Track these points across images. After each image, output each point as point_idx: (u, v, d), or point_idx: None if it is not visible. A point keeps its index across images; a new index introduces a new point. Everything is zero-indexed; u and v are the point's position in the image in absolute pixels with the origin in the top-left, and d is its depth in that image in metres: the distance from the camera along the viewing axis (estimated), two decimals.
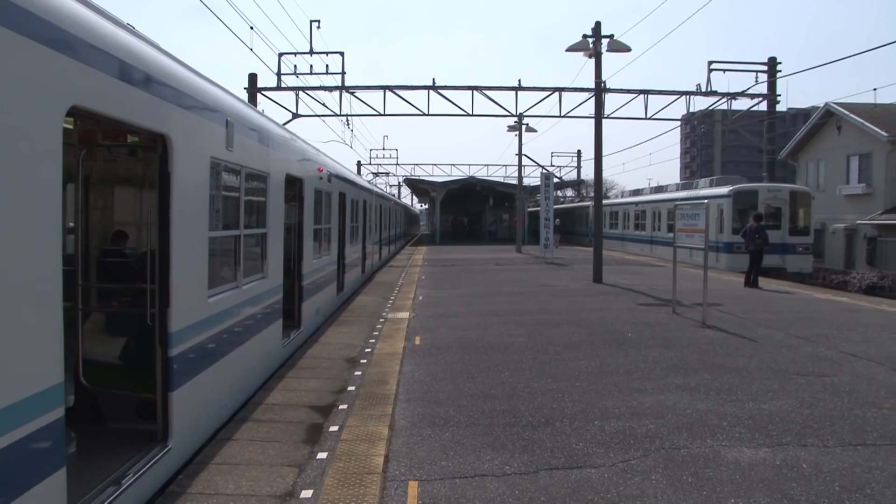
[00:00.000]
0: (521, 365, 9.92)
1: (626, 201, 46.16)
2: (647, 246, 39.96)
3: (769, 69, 35.37)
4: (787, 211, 28.76)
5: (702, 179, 37.86)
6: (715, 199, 28.33)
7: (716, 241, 27.41)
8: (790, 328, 13.19)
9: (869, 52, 53.19)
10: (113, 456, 5.41)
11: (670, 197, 35.55)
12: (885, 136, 31.37)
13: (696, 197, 29.69)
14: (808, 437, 6.76)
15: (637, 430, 6.89)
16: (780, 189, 29.33)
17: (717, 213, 28.49)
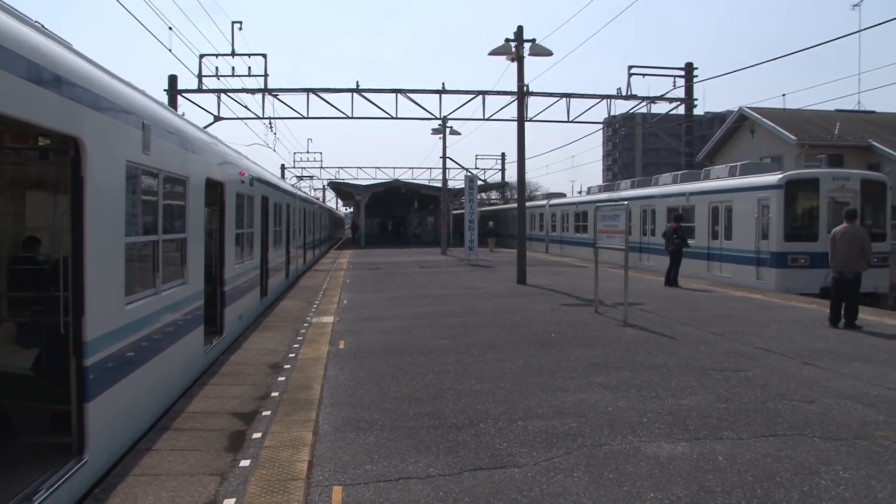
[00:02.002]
0: (446, 367, 9.96)
1: (581, 200, 41.09)
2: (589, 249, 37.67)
3: (686, 74, 36.32)
4: (857, 206, 20.06)
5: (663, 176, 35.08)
6: (752, 191, 21.85)
7: (755, 250, 21.36)
8: (708, 325, 13.57)
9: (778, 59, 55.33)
10: (24, 472, 5.23)
11: (633, 195, 31.29)
12: (794, 139, 32.55)
13: (728, 187, 23.48)
14: (724, 431, 6.96)
15: (560, 429, 6.99)
16: (848, 177, 21.37)
17: (757, 209, 21.44)
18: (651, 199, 29.40)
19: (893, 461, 6.12)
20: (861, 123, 35.63)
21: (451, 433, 6.90)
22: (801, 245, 20.38)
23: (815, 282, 19.65)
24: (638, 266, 28.27)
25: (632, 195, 30.99)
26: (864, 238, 13.40)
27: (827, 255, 14.58)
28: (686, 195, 26.00)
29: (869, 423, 7.23)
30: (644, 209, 29.68)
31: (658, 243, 26.08)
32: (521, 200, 25.46)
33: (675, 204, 26.72)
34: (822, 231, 19.94)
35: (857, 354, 10.87)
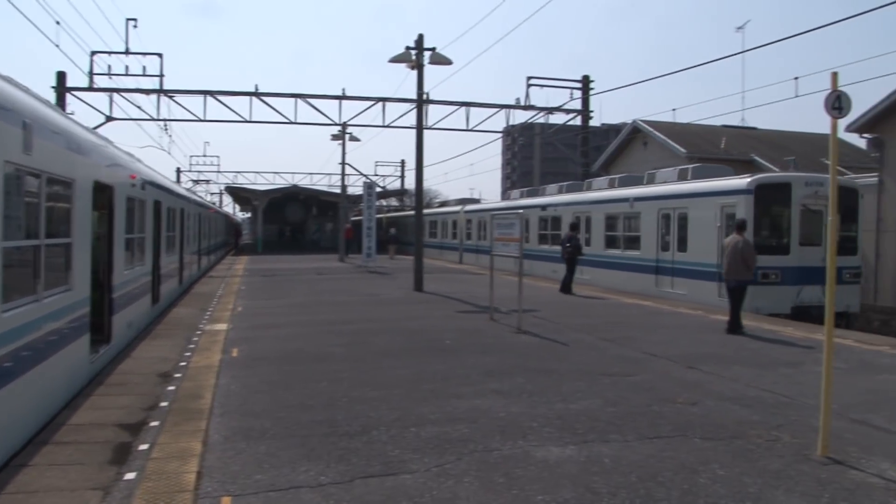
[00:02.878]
0: (341, 374, 9.93)
1: (502, 205, 37.56)
2: None
3: (583, 87, 37.24)
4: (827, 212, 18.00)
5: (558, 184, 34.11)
6: (713, 196, 19.37)
7: (718, 263, 17.52)
8: (599, 332, 13.94)
9: (668, 75, 57.29)
10: None
11: (564, 200, 29.27)
12: (684, 151, 33.73)
13: (683, 192, 20.88)
14: (611, 434, 7.17)
15: (452, 435, 7.07)
16: (821, 182, 18.48)
17: (720, 217, 18.86)
18: (586, 205, 26.99)
19: (764, 458, 6.45)
20: (744, 139, 37.24)
21: (343, 441, 6.88)
22: (772, 258, 17.82)
23: (786, 300, 17.83)
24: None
25: (562, 201, 29.28)
26: (745, 249, 14.02)
27: (800, 271, 16.00)
28: (629, 201, 23.51)
29: (745, 423, 7.59)
30: (577, 216, 26.82)
31: (595, 253, 25.22)
32: (418, 207, 25.58)
33: (616, 210, 24.49)
34: (795, 243, 18.19)
35: (737, 358, 11.38)
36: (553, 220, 29.88)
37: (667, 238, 21.28)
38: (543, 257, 30.01)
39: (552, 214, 30.00)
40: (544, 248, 30.32)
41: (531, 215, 30.90)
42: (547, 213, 30.67)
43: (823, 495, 5.61)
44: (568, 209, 27.96)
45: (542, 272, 29.10)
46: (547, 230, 30.49)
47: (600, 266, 25.08)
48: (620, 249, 24.10)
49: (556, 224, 29.38)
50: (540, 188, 34.61)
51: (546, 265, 29.27)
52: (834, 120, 6.57)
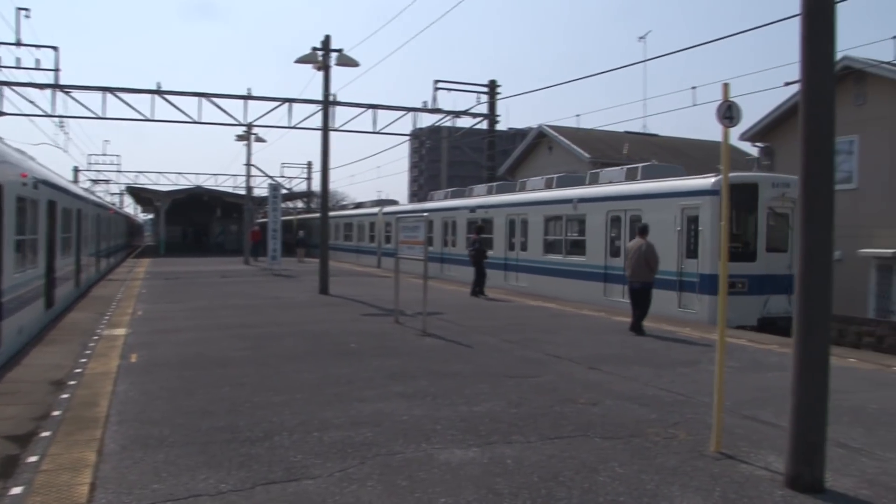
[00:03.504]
0: (243, 379, 9.75)
1: (425, 207, 34.86)
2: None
3: (490, 91, 37.66)
4: (794, 219, 16.46)
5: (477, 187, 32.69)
6: (672, 198, 17.79)
7: (677, 271, 17.28)
8: (504, 334, 14.10)
9: (573, 81, 58.93)
10: None
11: (496, 202, 27.44)
12: (588, 156, 34.46)
13: (636, 193, 19.43)
14: (514, 435, 7.25)
15: (355, 439, 7.03)
16: (788, 183, 17.35)
17: (680, 221, 17.43)
18: (521, 206, 25.16)
19: (662, 455, 6.63)
20: (646, 145, 38.28)
21: (244, 447, 6.76)
22: (738, 266, 16.36)
23: (753, 311, 16.68)
24: (504, 286, 25.10)
25: (493, 202, 27.40)
26: (648, 252, 14.43)
27: (767, 279, 15.60)
28: (573, 202, 21.91)
29: (643, 422, 7.79)
30: (511, 218, 25.41)
31: (533, 259, 23.82)
32: (324, 209, 25.39)
33: (557, 212, 22.83)
34: (762, 249, 17.11)
35: (637, 358, 11.68)
36: (484, 222, 27.61)
37: (617, 243, 19.75)
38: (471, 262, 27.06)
39: (482, 216, 27.89)
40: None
41: (458, 217, 29.63)
42: (476, 214, 28.59)
43: (716, 489, 5.81)
44: (500, 211, 26.27)
45: (471, 278, 25.62)
46: (477, 233, 27.69)
47: (539, 273, 23.59)
48: (562, 255, 22.56)
49: (487, 227, 27.42)
50: (467, 189, 32.73)
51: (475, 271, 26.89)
52: (725, 128, 6.82)
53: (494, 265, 25.16)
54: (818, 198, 5.88)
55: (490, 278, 23.94)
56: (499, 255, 25.91)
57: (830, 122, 5.88)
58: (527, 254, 24.34)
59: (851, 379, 10.39)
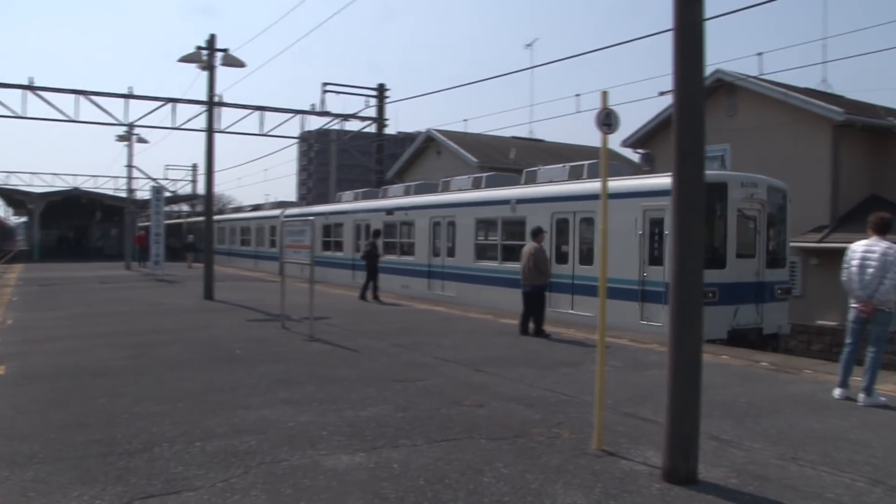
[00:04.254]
0: (122, 389, 9.41)
1: (333, 209, 32.62)
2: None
3: (378, 95, 37.66)
4: (764, 221, 16.34)
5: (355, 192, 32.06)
6: (632, 198, 16.17)
7: (638, 280, 15.92)
8: (392, 338, 14.10)
9: (461, 87, 59.52)
10: None
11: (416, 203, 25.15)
12: (476, 161, 34.93)
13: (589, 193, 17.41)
14: (401, 439, 7.26)
15: (239, 448, 6.88)
16: (756, 183, 16.31)
17: (642, 224, 15.97)
18: (449, 207, 23.00)
19: (546, 455, 6.76)
20: (533, 150, 39.11)
21: (122, 460, 6.52)
22: (708, 273, 14.91)
23: (723, 323, 15.14)
24: (427, 296, 23.05)
25: (414, 203, 25.16)
26: (536, 254, 14.67)
27: (737, 287, 14.66)
28: (510, 203, 20.08)
29: (528, 422, 7.93)
30: (436, 221, 23.37)
31: (462, 266, 21.81)
32: (208, 212, 24.87)
33: (491, 215, 20.89)
34: (732, 255, 15.52)
35: (522, 360, 11.88)
36: (403, 225, 25.77)
37: (564, 248, 18.03)
38: (392, 269, 25.25)
39: (402, 219, 25.77)
40: (391, 258, 25.47)
41: (373, 220, 27.23)
42: (394, 217, 26.27)
43: (597, 485, 5.97)
44: (423, 213, 24.15)
45: (391, 286, 24.68)
46: (395, 237, 26.22)
47: (469, 281, 21.47)
48: (497, 261, 20.52)
49: (408, 230, 25.52)
50: (381, 189, 30.64)
51: (396, 279, 25.03)
52: (604, 135, 7.03)
53: (417, 272, 23.98)
54: (691, 202, 6.15)
55: (411, 287, 23.40)
56: (421, 261, 23.93)
57: (701, 130, 6.15)
58: (455, 260, 22.34)
59: (724, 374, 10.87)
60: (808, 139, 23.74)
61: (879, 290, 8.99)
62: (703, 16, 6.16)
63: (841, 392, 9.46)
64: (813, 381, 10.67)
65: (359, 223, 28.71)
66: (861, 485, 6.13)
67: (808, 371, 11.43)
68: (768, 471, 6.43)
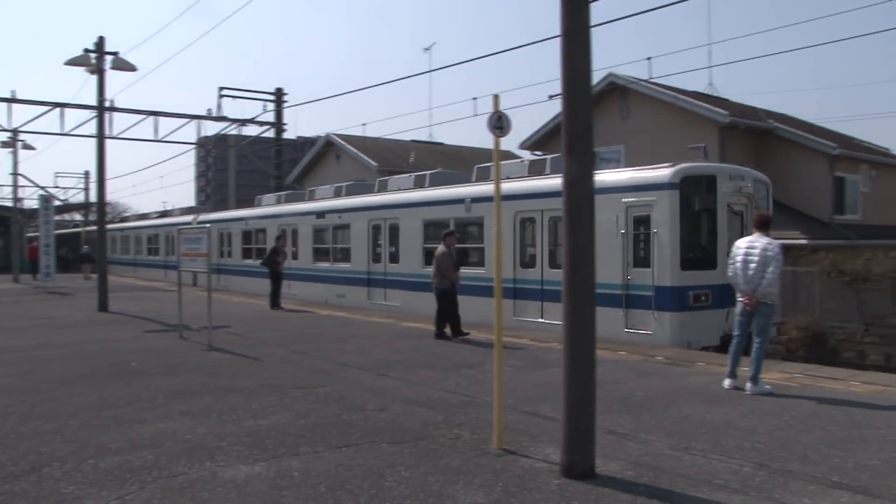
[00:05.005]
0: (8, 409, 8.98)
1: (255, 214, 29.71)
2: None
3: (277, 99, 37.21)
4: (751, 216, 14.24)
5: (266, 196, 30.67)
6: (615, 193, 14.59)
7: (623, 283, 14.46)
8: (293, 345, 13.95)
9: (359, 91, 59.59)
10: None
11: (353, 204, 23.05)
12: (376, 165, 34.92)
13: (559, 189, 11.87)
14: (302, 446, 7.19)
15: (135, 463, 6.69)
16: (743, 175, 15.23)
17: (625, 221, 14.55)
18: (392, 209, 21.07)
19: (447, 456, 6.81)
20: (432, 153, 39.32)
21: (7, 483, 6.24)
22: (700, 275, 14.06)
23: (716, 328, 14.01)
24: (366, 307, 21.24)
25: (350, 205, 23.15)
26: (439, 258, 14.77)
27: (727, 289, 12.83)
28: (465, 202, 18.33)
29: (429, 425, 7.97)
30: (376, 224, 21.53)
31: (409, 272, 19.88)
32: (100, 221, 24.08)
33: (444, 215, 18.96)
34: (723, 254, 13.49)
35: (424, 363, 11.94)
36: (337, 229, 23.85)
37: (530, 251, 16.63)
38: (325, 278, 23.79)
39: (335, 223, 23.79)
40: (323, 265, 24.12)
41: (301, 224, 25.52)
42: (326, 220, 24.15)
43: (497, 484, 6.05)
44: (360, 215, 22.26)
45: (322, 296, 23.49)
46: (327, 242, 24.42)
47: (417, 289, 19.09)
48: None
49: (341, 235, 23.62)
50: (307, 191, 28.32)
51: (330, 288, 23.50)
52: (496, 138, 7.15)
53: (354, 281, 22.25)
54: (581, 202, 6.30)
55: (348, 297, 22.05)
56: (359, 268, 22.06)
57: (589, 132, 6.32)
58: (399, 266, 20.40)
59: (621, 370, 11.15)
60: (696, 140, 24.39)
61: (762, 283, 9.46)
62: (590, 21, 6.34)
63: (730, 382, 9.88)
64: (705, 373, 11.08)
65: (284, 228, 26.52)
66: (747, 469, 6.42)
67: (700, 364, 11.85)
68: (662, 461, 6.65)
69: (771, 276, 9.41)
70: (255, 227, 29.00)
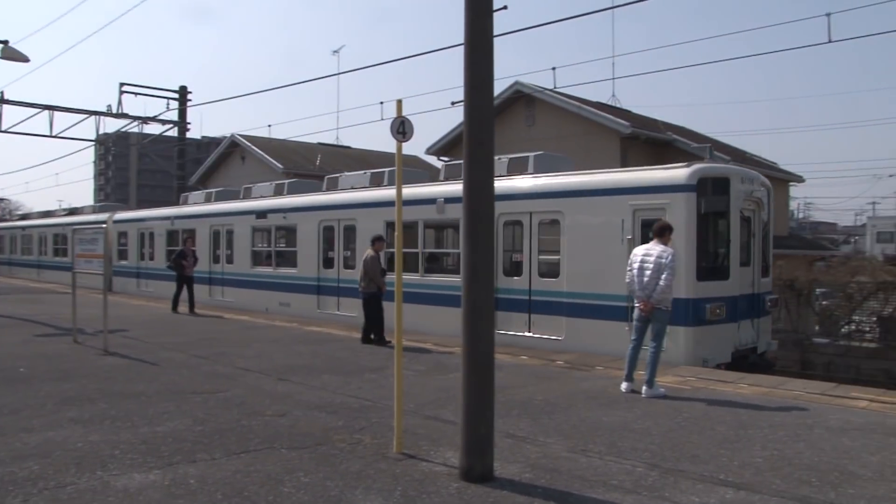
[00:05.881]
0: None
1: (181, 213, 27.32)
2: None
3: (180, 97, 36.31)
4: (759, 222, 14.37)
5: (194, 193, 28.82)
6: (619, 195, 13.56)
7: (627, 294, 11.98)
8: (193, 349, 13.65)
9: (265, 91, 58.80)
10: None
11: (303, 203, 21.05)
12: (281, 167, 34.51)
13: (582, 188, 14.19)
14: (199, 453, 7.04)
15: (19, 475, 6.41)
16: (752, 178, 14.27)
17: (631, 226, 13.29)
18: (347, 209, 19.18)
19: (347, 461, 6.79)
20: (339, 156, 39.13)
21: None
22: (714, 286, 12.98)
23: (728, 343, 13.17)
24: (323, 318, 19.01)
25: (297, 204, 21.17)
26: (366, 262, 14.72)
27: (739, 300, 12.98)
28: (437, 202, 16.73)
29: (330, 430, 7.93)
30: (328, 224, 19.64)
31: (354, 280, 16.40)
32: None
33: (412, 217, 16.65)
34: (735, 263, 13.25)
35: (326, 367, 11.87)
36: (281, 231, 21.97)
37: (516, 257, 15.41)
38: (267, 284, 21.79)
39: (279, 223, 21.77)
40: (264, 270, 22.15)
41: (237, 224, 23.35)
42: (268, 221, 22.10)
43: (397, 488, 6.06)
44: (309, 216, 20.39)
45: (261, 304, 21.61)
46: (268, 245, 22.61)
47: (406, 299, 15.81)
48: (419, 274, 17.07)
49: (286, 237, 21.87)
50: (242, 189, 25.83)
51: (267, 295, 21.63)
52: (399, 143, 7.19)
53: (302, 287, 20.40)
54: (481, 209, 6.37)
55: (293, 306, 20.45)
56: (307, 273, 20.21)
57: (490, 138, 6.40)
58: (356, 272, 16.85)
59: (522, 374, 11.31)
60: (599, 149, 25.22)
61: (657, 290, 9.75)
62: (493, 29, 6.43)
63: (627, 386, 10.16)
64: (604, 376, 11.36)
65: (217, 228, 24.38)
66: (641, 470, 6.61)
67: (599, 368, 12.13)
68: (559, 463, 6.78)
69: (664, 284, 9.73)
70: (183, 227, 26.46)
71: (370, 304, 14.78)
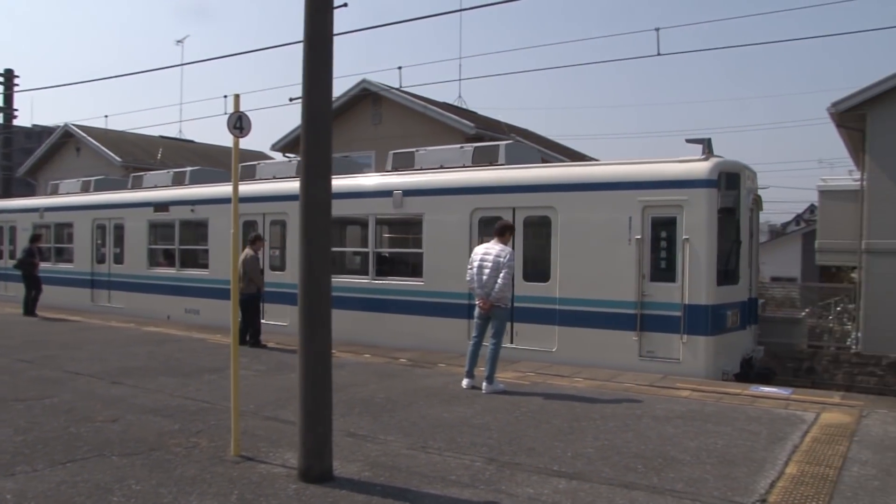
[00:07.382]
0: None
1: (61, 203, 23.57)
2: None
3: (6, 82, 34.09)
4: (757, 221, 14.06)
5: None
6: (628, 189, 12.20)
7: (636, 301, 11.94)
8: (18, 353, 12.88)
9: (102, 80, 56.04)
10: None
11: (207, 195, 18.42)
12: (119, 160, 33.00)
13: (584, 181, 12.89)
14: (18, 465, 6.62)
15: None
16: (753, 175, 13.34)
17: (641, 225, 12.03)
18: (278, 201, 16.38)
19: (182, 466, 6.59)
20: (182, 151, 37.78)
21: None
22: (727, 291, 12.07)
23: (739, 351, 12.62)
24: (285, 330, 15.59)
25: (208, 195, 18.39)
26: (246, 262, 14.00)
27: (745, 306, 12.40)
28: (392, 195, 14.70)
29: (165, 434, 7.68)
30: (250, 220, 16.74)
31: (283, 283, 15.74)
32: None
33: (362, 211, 15.21)
34: (745, 265, 12.66)
35: (164, 369, 11.48)
36: (188, 226, 19.08)
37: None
38: (162, 287, 19.29)
39: (185, 217, 18.95)
40: (165, 272, 19.50)
41: (129, 218, 20.34)
42: (170, 215, 19.29)
43: (234, 492, 5.94)
44: (229, 208, 17.09)
45: (161, 311, 18.79)
46: (172, 243, 19.54)
47: (350, 306, 14.46)
48: (369, 277, 15.14)
49: (195, 233, 19.04)
50: (131, 177, 22.54)
51: (169, 300, 18.92)
52: (236, 138, 7.06)
53: (213, 292, 17.59)
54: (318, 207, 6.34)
55: (204, 313, 17.86)
56: (225, 276, 16.53)
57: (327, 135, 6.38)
58: (286, 275, 15.99)
59: (364, 373, 11.34)
60: None
61: (495, 288, 10.01)
62: (332, 27, 6.40)
63: (468, 382, 10.38)
64: (445, 374, 11.54)
65: (102, 223, 21.34)
66: (479, 464, 6.78)
67: (441, 365, 12.32)
68: (399, 461, 6.85)
69: (502, 282, 10.00)
70: (57, 220, 23.35)
71: (247, 305, 14.20)
